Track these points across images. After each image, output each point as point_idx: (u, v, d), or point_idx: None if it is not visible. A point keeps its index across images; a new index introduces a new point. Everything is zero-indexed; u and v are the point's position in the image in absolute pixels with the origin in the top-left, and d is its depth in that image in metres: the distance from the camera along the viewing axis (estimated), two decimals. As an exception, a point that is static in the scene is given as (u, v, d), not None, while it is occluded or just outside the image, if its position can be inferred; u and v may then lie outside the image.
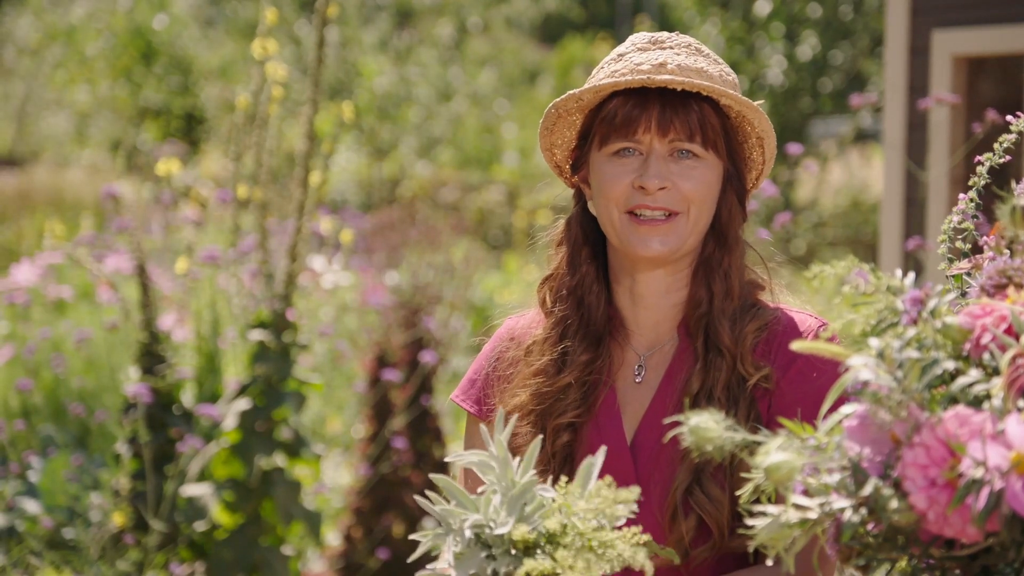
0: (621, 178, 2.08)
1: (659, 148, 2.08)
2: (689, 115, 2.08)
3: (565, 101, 2.12)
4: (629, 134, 2.08)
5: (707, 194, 2.09)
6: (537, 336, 2.20)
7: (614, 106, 2.10)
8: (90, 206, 13.27)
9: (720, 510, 2.04)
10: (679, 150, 2.08)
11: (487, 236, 15.74)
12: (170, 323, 6.32)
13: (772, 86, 13.83)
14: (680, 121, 2.07)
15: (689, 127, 2.08)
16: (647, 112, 2.08)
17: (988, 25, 6.40)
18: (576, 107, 2.14)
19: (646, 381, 2.15)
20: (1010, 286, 1.45)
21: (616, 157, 2.10)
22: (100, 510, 5.11)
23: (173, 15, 21.12)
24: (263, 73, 5.01)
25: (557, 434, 2.12)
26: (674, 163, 2.08)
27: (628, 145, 2.09)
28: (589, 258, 2.18)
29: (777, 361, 2.08)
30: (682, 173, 2.08)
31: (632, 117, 2.08)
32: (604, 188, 2.10)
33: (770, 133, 2.14)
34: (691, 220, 2.08)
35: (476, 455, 1.68)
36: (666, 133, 2.08)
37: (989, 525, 1.27)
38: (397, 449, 5.81)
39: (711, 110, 2.10)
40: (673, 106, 2.08)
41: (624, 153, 2.09)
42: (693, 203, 2.08)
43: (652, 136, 2.08)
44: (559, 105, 2.13)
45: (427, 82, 18.86)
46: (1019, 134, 1.79)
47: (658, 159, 2.07)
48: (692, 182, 2.08)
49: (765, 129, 2.13)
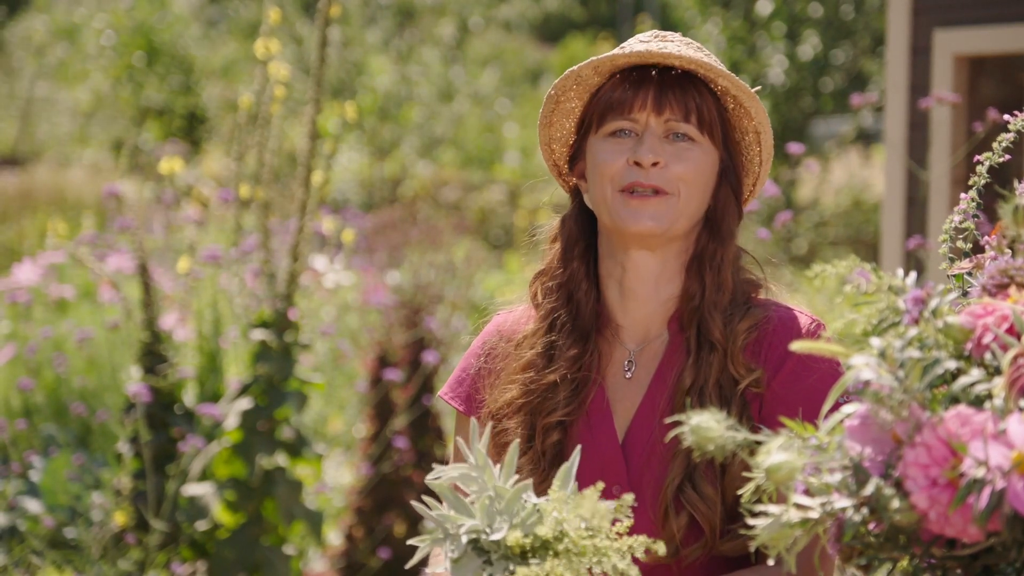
0: (617, 156, 2.09)
1: (654, 126, 2.09)
2: (686, 95, 2.09)
3: (564, 80, 2.14)
4: (625, 111, 2.10)
5: (699, 178, 2.10)
6: (527, 330, 2.20)
7: (611, 86, 2.12)
8: (92, 205, 13.28)
9: (712, 508, 2.03)
10: (674, 132, 2.09)
11: (488, 236, 15.74)
12: (172, 322, 6.32)
13: (773, 86, 13.83)
14: (676, 100, 2.09)
15: (685, 107, 2.09)
16: (643, 90, 2.09)
17: (989, 25, 6.40)
18: (575, 90, 2.15)
19: (636, 377, 2.14)
20: (1012, 285, 1.45)
21: (612, 137, 2.11)
22: (101, 509, 5.11)
23: (175, 14, 21.13)
24: (266, 73, 5.01)
25: (547, 433, 2.12)
26: (669, 144, 2.09)
27: (624, 124, 2.10)
28: (581, 255, 2.18)
29: (768, 361, 2.08)
30: (676, 154, 2.09)
31: (628, 95, 2.10)
32: (600, 167, 2.11)
33: (767, 126, 2.14)
34: (682, 201, 2.09)
35: (456, 469, 1.67)
36: (661, 111, 2.09)
37: (990, 525, 1.27)
38: (398, 449, 5.81)
39: (709, 97, 2.11)
40: (670, 86, 2.09)
41: (620, 134, 2.11)
42: (684, 183, 2.08)
43: (648, 114, 2.09)
44: (559, 86, 2.15)
45: (429, 82, 18.86)
46: (1018, 133, 1.78)
47: (652, 136, 2.09)
48: (685, 164, 2.08)
49: (762, 121, 2.14)
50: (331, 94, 16.73)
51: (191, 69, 20.53)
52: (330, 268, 7.42)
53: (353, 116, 5.15)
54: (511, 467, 1.65)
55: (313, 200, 4.79)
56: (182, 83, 20.35)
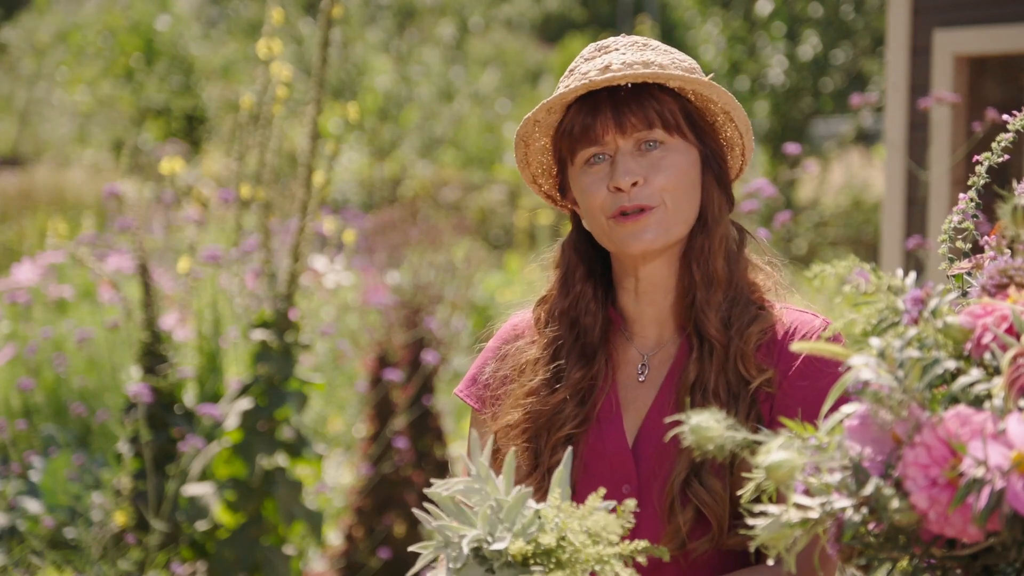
0: (598, 185, 2.09)
1: (624, 146, 2.08)
2: (643, 106, 2.08)
3: (524, 127, 2.14)
4: (592, 140, 2.09)
5: (682, 182, 2.09)
6: (531, 356, 2.20)
7: (570, 118, 2.11)
8: (92, 205, 13.28)
9: (719, 503, 2.03)
10: (644, 142, 2.08)
11: (488, 236, 15.74)
12: (172, 323, 6.32)
13: (773, 86, 13.83)
14: (635, 115, 2.07)
15: (646, 118, 2.08)
16: (601, 115, 2.08)
17: (989, 25, 6.40)
18: (540, 130, 2.16)
19: (649, 380, 2.14)
20: (1011, 286, 1.45)
21: (588, 167, 2.11)
22: (101, 510, 5.11)
23: (175, 14, 21.12)
24: (267, 73, 5.01)
25: (554, 451, 2.12)
26: (642, 157, 2.08)
27: (595, 151, 2.09)
28: (584, 278, 2.19)
29: (780, 362, 2.08)
30: (652, 165, 2.08)
31: (588, 124, 2.09)
32: (586, 200, 2.11)
33: (734, 106, 2.13)
34: (671, 209, 2.08)
35: (460, 482, 1.67)
36: (625, 130, 2.08)
37: (990, 525, 1.27)
38: (398, 449, 5.81)
39: (667, 96, 2.10)
40: (626, 102, 2.08)
41: (594, 160, 2.10)
42: (667, 193, 2.07)
43: (614, 136, 2.08)
44: (521, 133, 2.15)
45: (429, 82, 18.86)
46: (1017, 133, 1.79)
47: (625, 156, 2.07)
48: (664, 173, 2.07)
49: (727, 103, 2.12)
50: (332, 94, 16.74)
51: (191, 69, 20.53)
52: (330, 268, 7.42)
53: (355, 116, 5.15)
54: (510, 478, 1.64)
55: (314, 200, 4.79)
56: (182, 83, 20.34)
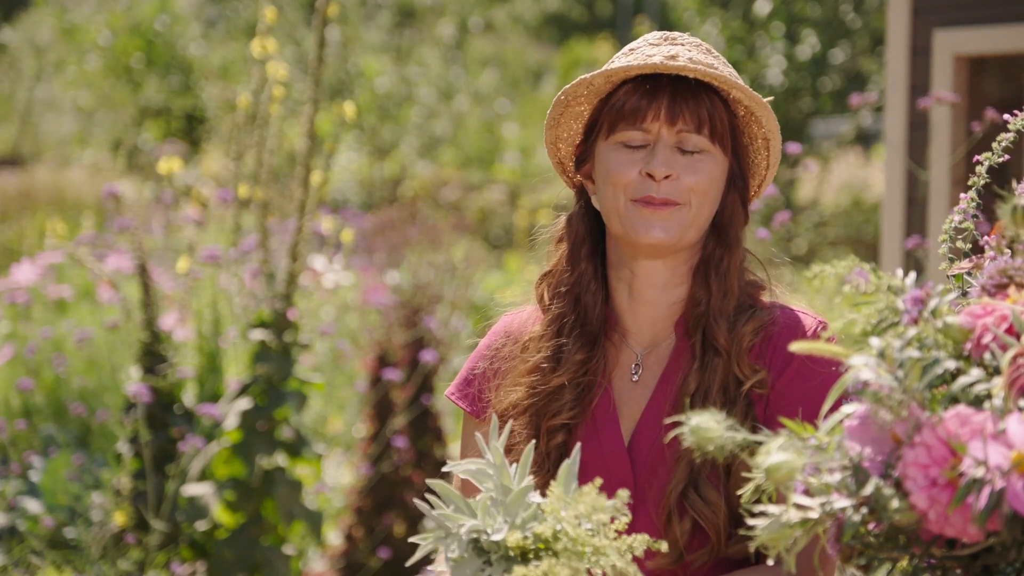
0: (629, 166, 2.08)
1: (666, 137, 2.08)
2: (699, 106, 2.08)
3: (575, 87, 2.12)
4: (637, 122, 2.08)
5: (710, 188, 2.09)
6: (534, 332, 2.19)
7: (624, 94, 2.10)
8: (91, 205, 13.27)
9: (716, 513, 2.03)
10: (684, 145, 2.08)
11: (488, 235, 15.73)
12: (171, 322, 6.32)
13: (772, 86, 13.82)
14: (689, 111, 2.07)
15: (698, 117, 2.07)
16: (657, 101, 2.07)
17: (989, 24, 6.40)
18: (585, 96, 2.14)
19: (643, 380, 2.14)
20: (1011, 286, 1.45)
21: (623, 146, 2.09)
22: (101, 509, 5.11)
23: (174, 14, 21.12)
24: (264, 73, 5.01)
25: (551, 435, 2.11)
26: (680, 155, 2.08)
27: (636, 135, 2.08)
28: (588, 255, 2.17)
29: (774, 363, 2.08)
30: (688, 165, 2.07)
31: (642, 105, 2.08)
32: (612, 176, 2.09)
33: (776, 134, 2.14)
34: (693, 212, 2.08)
35: (473, 463, 1.67)
36: (675, 122, 2.07)
37: (990, 524, 1.27)
38: (398, 448, 5.81)
39: (721, 105, 2.10)
40: (684, 96, 2.08)
41: (632, 142, 2.09)
42: (695, 194, 2.07)
43: (660, 124, 2.07)
44: (568, 92, 2.13)
45: (428, 81, 18.85)
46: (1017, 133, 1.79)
47: (665, 148, 2.07)
48: (697, 175, 2.07)
49: (772, 129, 2.13)
50: (330, 94, 16.73)
51: (190, 69, 20.52)
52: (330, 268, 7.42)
53: (352, 116, 5.14)
54: (526, 468, 1.64)
55: (312, 200, 4.79)
56: (181, 83, 20.34)
